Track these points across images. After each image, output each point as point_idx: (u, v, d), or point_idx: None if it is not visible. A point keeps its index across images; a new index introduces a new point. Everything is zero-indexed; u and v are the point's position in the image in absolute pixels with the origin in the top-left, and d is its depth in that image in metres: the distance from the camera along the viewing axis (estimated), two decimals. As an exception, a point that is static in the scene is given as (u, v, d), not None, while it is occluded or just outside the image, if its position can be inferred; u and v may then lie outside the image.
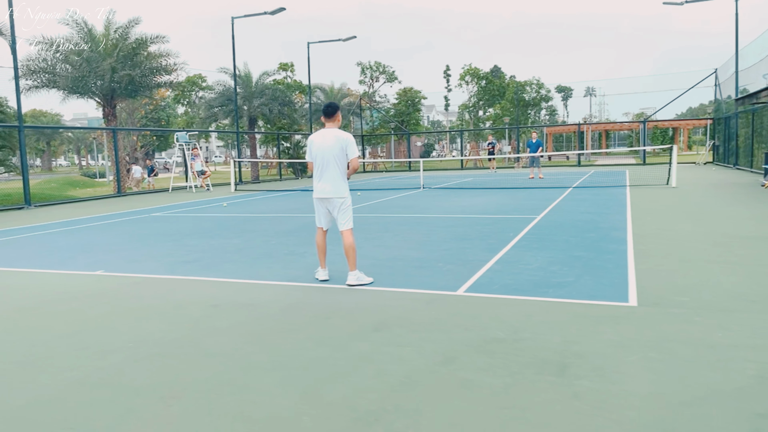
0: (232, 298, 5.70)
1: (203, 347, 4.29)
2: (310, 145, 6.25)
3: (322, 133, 6.19)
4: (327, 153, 6.04)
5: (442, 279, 6.18)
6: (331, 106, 6.19)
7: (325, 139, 6.09)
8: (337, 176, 6.08)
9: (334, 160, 6.05)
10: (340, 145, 6.03)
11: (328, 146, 6.05)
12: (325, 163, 6.07)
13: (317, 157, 6.13)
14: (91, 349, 4.33)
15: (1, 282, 6.87)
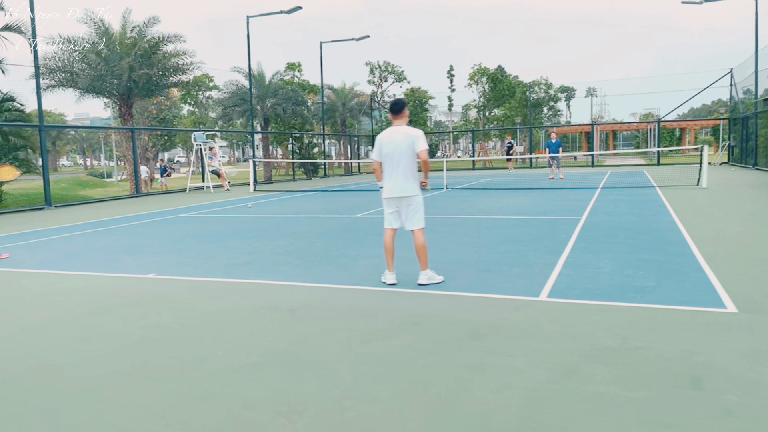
0: (304, 302, 5.49)
1: (299, 355, 4.08)
2: (378, 144, 6.07)
3: (391, 130, 6.02)
4: (398, 151, 5.88)
5: (516, 283, 5.97)
6: (399, 103, 6.04)
7: (395, 137, 5.93)
8: (409, 174, 5.92)
9: (406, 157, 5.88)
10: (410, 142, 5.86)
11: (398, 143, 5.88)
12: (396, 161, 5.91)
13: (387, 156, 5.96)
14: (182, 358, 4.12)
15: (56, 285, 6.66)
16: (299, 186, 25.46)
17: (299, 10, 25.57)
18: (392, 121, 6.10)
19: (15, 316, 5.36)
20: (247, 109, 31.19)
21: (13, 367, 4.06)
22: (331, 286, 6.13)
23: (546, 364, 3.77)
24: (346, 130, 41.23)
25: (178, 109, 58.21)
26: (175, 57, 23.06)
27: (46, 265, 7.87)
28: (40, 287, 6.58)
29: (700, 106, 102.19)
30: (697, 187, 16.62)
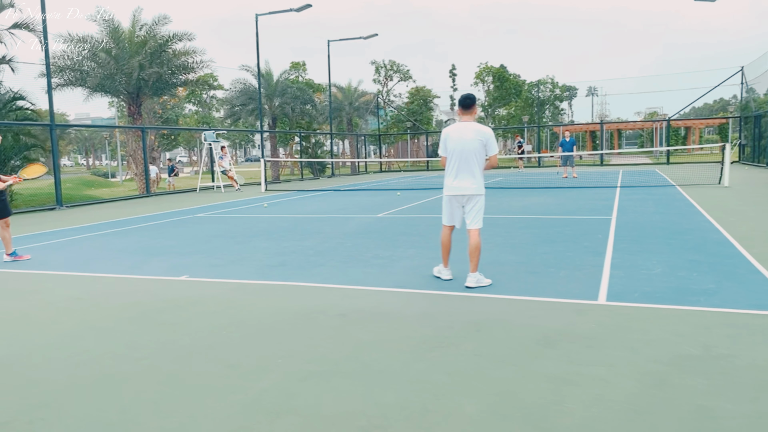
0: (353, 306, 5.27)
1: (365, 363, 3.86)
2: (445, 139, 5.89)
3: (460, 126, 5.82)
4: (466, 148, 5.72)
5: (569, 286, 5.75)
6: (469, 98, 5.88)
7: (464, 133, 5.75)
8: (477, 172, 5.77)
9: (474, 155, 5.73)
10: (479, 140, 5.72)
11: (468, 140, 5.72)
12: (463, 158, 5.74)
13: (454, 152, 5.79)
14: (241, 366, 3.90)
15: (88, 287, 6.44)
16: (309, 186, 25.24)
17: (309, 7, 25.34)
18: (460, 117, 5.90)
19: (54, 321, 5.14)
20: (255, 108, 30.96)
21: (77, 372, 3.84)
22: (376, 288, 5.91)
23: (633, 375, 3.55)
24: (352, 129, 40.98)
25: (181, 108, 58.03)
26: (184, 55, 22.83)
27: (72, 267, 7.65)
28: (72, 290, 6.36)
29: (702, 105, 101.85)
30: (719, 185, 16.40)
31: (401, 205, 14.32)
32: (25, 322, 5.19)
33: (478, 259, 5.74)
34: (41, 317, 5.33)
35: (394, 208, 13.67)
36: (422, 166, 43.22)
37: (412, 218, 11.63)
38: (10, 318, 5.33)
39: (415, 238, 9.02)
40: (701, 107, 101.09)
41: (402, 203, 14.70)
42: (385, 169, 41.38)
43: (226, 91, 32.81)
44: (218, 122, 42.58)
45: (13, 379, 3.82)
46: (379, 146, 43.96)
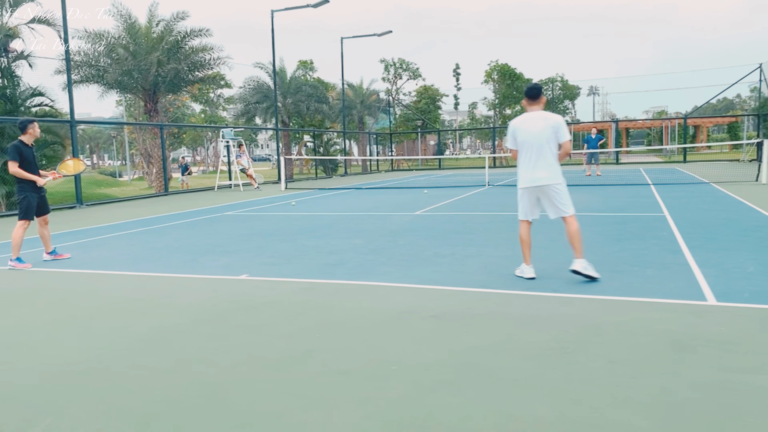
0: (442, 307, 4.91)
1: (490, 371, 3.49)
2: (513, 131, 5.71)
3: (528, 117, 5.66)
4: (538, 137, 5.54)
5: (666, 286, 5.38)
6: (536, 88, 5.76)
7: (534, 123, 5.59)
8: (552, 161, 5.57)
9: (547, 144, 5.55)
10: (551, 128, 5.55)
11: (539, 130, 5.55)
12: (536, 148, 5.56)
13: (525, 143, 5.61)
14: (354, 373, 3.54)
15: (147, 287, 6.08)
16: (326, 184, 24.88)
17: (326, 3, 24.97)
18: (527, 107, 5.74)
19: (126, 324, 4.78)
20: (269, 106, 30.61)
21: (172, 381, 3.48)
22: (457, 288, 5.55)
23: (803, 383, 3.19)
24: (363, 127, 40.62)
25: (187, 107, 57.66)
26: (201, 51, 22.48)
27: (120, 266, 7.29)
28: (131, 290, 6.00)
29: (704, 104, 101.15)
30: (757, 183, 16.04)
31: (435, 202, 13.95)
32: (96, 323, 4.83)
33: (580, 243, 5.49)
34: (111, 319, 4.97)
35: (429, 205, 13.31)
36: (434, 164, 42.88)
37: (453, 216, 11.27)
38: (78, 319, 4.98)
39: (468, 236, 8.66)
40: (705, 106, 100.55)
41: (434, 201, 14.34)
42: (396, 168, 41.01)
43: (240, 89, 32.31)
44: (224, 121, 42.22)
45: (104, 385, 3.46)
46: (390, 145, 43.60)
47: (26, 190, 7.54)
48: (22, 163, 7.44)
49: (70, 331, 4.67)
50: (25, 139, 7.60)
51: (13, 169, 7.40)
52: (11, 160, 7.39)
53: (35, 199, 7.63)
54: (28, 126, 7.64)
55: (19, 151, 7.45)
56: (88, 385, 3.51)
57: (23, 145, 7.54)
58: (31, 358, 4.05)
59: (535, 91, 5.65)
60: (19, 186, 7.57)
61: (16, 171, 7.41)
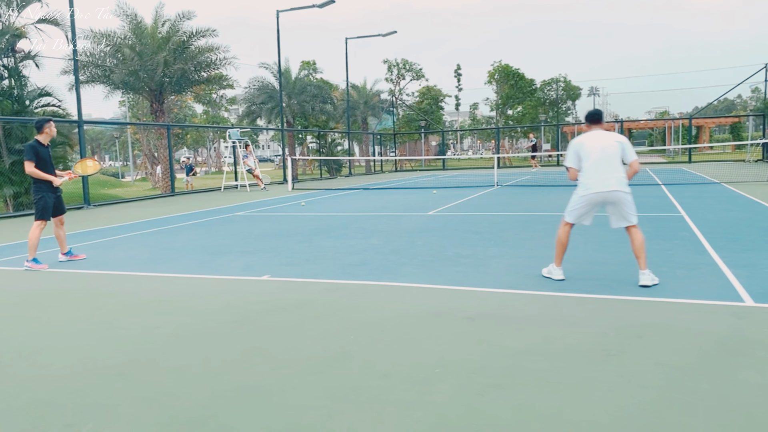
0: (474, 308, 4.83)
1: (537, 374, 3.41)
2: (577, 148, 5.60)
3: (594, 134, 5.61)
4: (607, 150, 5.46)
5: (698, 286, 5.31)
6: (598, 113, 5.80)
7: (602, 140, 5.53)
8: (622, 171, 5.49)
9: (615, 157, 5.47)
10: (620, 146, 5.53)
11: (608, 144, 5.49)
12: (605, 159, 5.45)
13: (591, 156, 5.47)
14: (396, 378, 3.45)
15: (168, 288, 6.00)
16: (332, 184, 24.80)
17: (332, 3, 24.90)
18: (587, 130, 5.71)
19: (154, 325, 4.69)
20: (274, 107, 30.53)
21: (216, 386, 3.40)
22: (487, 290, 5.46)
23: None
24: (367, 128, 40.55)
25: (189, 108, 57.59)
26: (208, 51, 22.40)
27: (138, 267, 7.21)
28: (152, 291, 5.92)
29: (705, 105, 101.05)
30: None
31: (446, 203, 13.87)
32: (125, 325, 4.75)
33: (645, 255, 5.41)
34: (138, 320, 4.88)
35: (441, 206, 13.23)
36: (436, 165, 42.82)
37: (467, 216, 11.18)
38: (105, 320, 4.89)
39: (486, 237, 8.57)
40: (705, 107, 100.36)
41: (444, 201, 14.26)
42: (399, 168, 40.93)
43: (245, 89, 32.19)
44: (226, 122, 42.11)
45: (144, 388, 3.38)
46: (394, 145, 43.53)
47: (43, 191, 7.46)
48: (38, 163, 7.36)
49: (99, 332, 4.59)
50: (41, 139, 7.51)
51: (29, 169, 7.31)
52: (27, 160, 7.31)
53: (51, 199, 7.54)
54: (44, 125, 7.55)
55: (35, 151, 7.37)
56: (126, 388, 3.43)
57: (39, 145, 7.46)
58: (67, 360, 3.97)
59: (597, 116, 5.70)
60: (35, 186, 7.48)
61: (33, 171, 7.32)
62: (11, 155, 16.40)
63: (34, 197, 7.49)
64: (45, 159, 7.46)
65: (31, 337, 4.55)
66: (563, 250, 5.71)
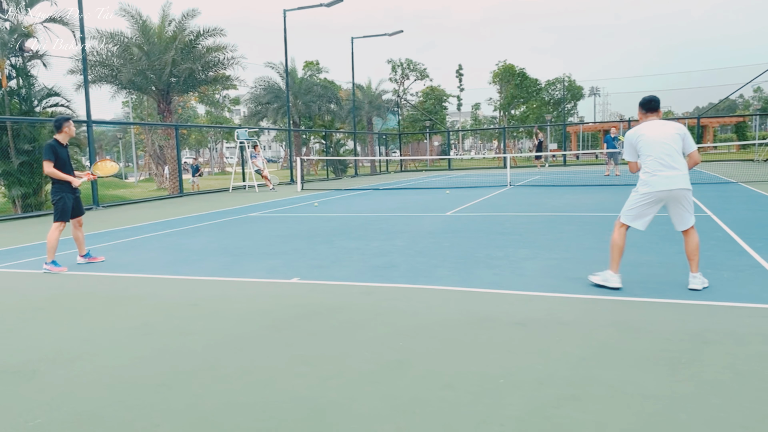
0: (521, 312, 4.63)
1: (610, 384, 3.21)
2: (637, 140, 5.25)
3: (653, 125, 5.25)
4: (670, 143, 5.12)
5: (749, 289, 5.12)
6: (655, 100, 5.37)
7: (661, 129, 5.19)
8: (683, 166, 5.16)
9: (677, 149, 5.14)
10: (679, 135, 5.18)
11: (669, 135, 5.14)
12: (668, 152, 5.10)
13: (653, 149, 5.13)
14: (460, 389, 3.26)
15: (197, 292, 5.80)
16: (341, 185, 24.60)
17: (340, 2, 24.71)
18: (644, 118, 5.37)
19: (191, 331, 4.49)
20: (280, 107, 30.33)
21: (273, 397, 3.20)
22: (530, 293, 5.26)
23: None
24: (372, 128, 40.37)
25: (192, 109, 57.40)
26: (215, 51, 22.21)
27: (160, 269, 7.02)
28: (180, 294, 5.73)
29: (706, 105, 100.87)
30: (787, 182, 15.76)
31: (462, 203, 13.67)
32: (157, 331, 4.55)
33: (698, 257, 5.22)
34: (171, 326, 4.69)
35: (458, 206, 13.03)
36: (440, 165, 42.67)
37: (487, 217, 10.99)
38: (136, 327, 4.69)
39: (513, 238, 8.38)
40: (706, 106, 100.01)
41: (460, 201, 14.06)
42: (404, 168, 40.74)
43: (250, 89, 32.01)
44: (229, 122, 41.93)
45: (190, 399, 3.18)
46: (399, 145, 43.37)
47: (62, 191, 7.27)
48: (57, 163, 7.17)
49: (135, 338, 4.39)
50: (60, 138, 7.31)
51: (48, 170, 7.12)
52: (46, 160, 7.11)
53: (71, 200, 7.35)
54: (63, 124, 7.34)
55: (54, 151, 7.17)
56: (172, 399, 3.23)
57: (58, 145, 7.26)
58: (106, 368, 3.77)
59: (654, 103, 5.34)
60: (54, 187, 7.29)
61: (52, 171, 7.13)
62: (19, 156, 16.21)
63: (53, 198, 7.30)
64: (64, 159, 7.27)
65: (65, 342, 4.35)
66: (620, 254, 5.34)
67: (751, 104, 79.71)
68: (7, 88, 16.36)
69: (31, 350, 4.22)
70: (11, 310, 5.44)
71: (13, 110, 16.33)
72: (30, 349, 4.25)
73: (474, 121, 76.96)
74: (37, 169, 16.64)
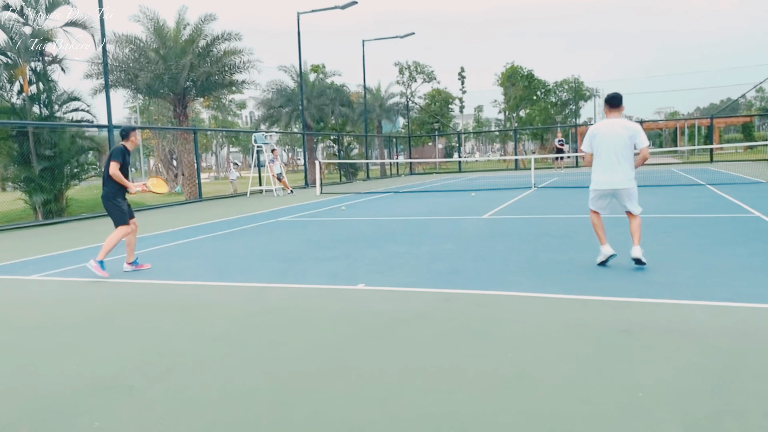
0: (623, 319, 4.43)
1: (764, 399, 3.03)
2: (592, 136, 6.15)
3: (608, 123, 6.09)
4: (616, 143, 5.98)
5: None
6: (617, 97, 6.10)
7: (613, 129, 6.01)
8: (627, 166, 6.02)
9: (624, 149, 5.97)
10: (629, 135, 5.97)
11: (618, 136, 5.97)
12: (613, 153, 6.00)
13: (602, 147, 6.05)
14: (596, 403, 3.07)
15: (261, 299, 5.62)
16: (358, 188, 24.41)
17: (355, 4, 24.58)
18: (607, 114, 6.17)
19: (282, 342, 4.29)
20: (293, 110, 30.20)
21: (387, 410, 3.01)
22: (616, 299, 5.05)
23: None
24: (381, 131, 40.22)
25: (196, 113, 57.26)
26: (232, 54, 22.06)
27: (213, 276, 6.83)
28: (249, 302, 5.55)
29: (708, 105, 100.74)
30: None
31: (494, 205, 13.49)
32: (245, 343, 4.36)
33: (639, 234, 6.07)
34: (257, 337, 4.49)
35: (492, 208, 12.85)
36: (448, 168, 42.51)
37: (527, 219, 10.81)
38: (217, 336, 4.50)
39: (569, 240, 8.18)
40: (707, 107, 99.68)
41: (491, 203, 13.87)
42: (413, 171, 40.56)
43: (262, 92, 31.84)
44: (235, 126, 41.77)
45: (301, 416, 2.99)
46: (408, 148, 43.21)
47: (117, 196, 7.28)
48: (121, 168, 7.15)
49: (226, 350, 4.19)
50: (127, 146, 7.39)
51: (114, 171, 7.13)
52: (114, 161, 7.14)
53: (126, 204, 7.33)
54: (130, 133, 7.49)
55: (123, 154, 7.24)
56: (290, 417, 3.04)
57: (126, 151, 7.31)
58: (206, 384, 3.58)
59: (616, 100, 6.06)
60: (110, 191, 7.26)
61: (116, 173, 7.15)
62: (40, 161, 16.03)
63: (108, 204, 7.27)
64: (126, 166, 7.30)
65: (149, 354, 4.16)
66: (601, 230, 6.26)
67: (753, 104, 79.59)
68: (28, 93, 16.20)
69: (116, 363, 4.03)
70: (77, 322, 5.25)
71: (34, 116, 16.16)
72: (114, 362, 4.06)
73: (477, 123, 76.83)
74: (58, 174, 16.48)
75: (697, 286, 5.31)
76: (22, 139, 15.81)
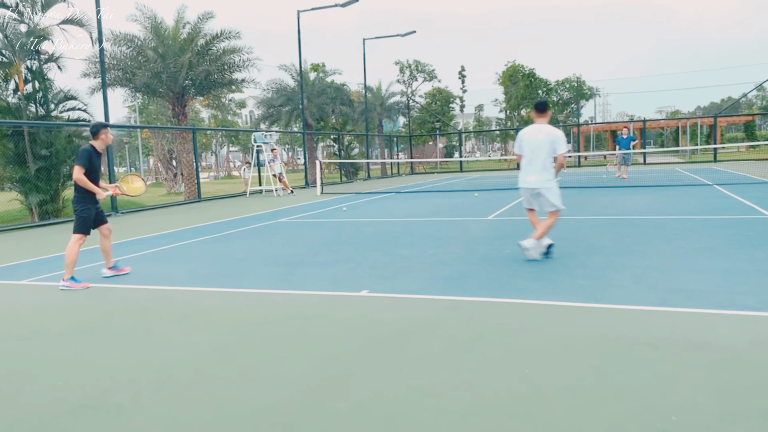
0: (644, 331, 4.16)
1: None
2: (520, 139, 6.78)
3: (534, 128, 6.70)
4: (537, 147, 6.59)
5: None
6: (544, 103, 6.86)
7: (537, 134, 6.62)
8: (544, 168, 6.60)
9: (544, 153, 6.56)
10: (549, 140, 6.54)
11: (540, 141, 6.57)
12: (534, 156, 6.62)
13: (526, 150, 6.69)
14: (627, 426, 2.80)
15: (262, 305, 5.35)
16: (359, 188, 24.15)
17: (356, 2, 24.31)
18: (534, 119, 6.77)
19: (283, 356, 4.02)
20: (293, 109, 29.93)
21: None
22: (637, 308, 4.77)
23: None
24: (382, 130, 39.95)
25: (195, 112, 56.97)
26: (231, 53, 21.78)
27: (209, 281, 6.55)
28: (249, 310, 5.27)
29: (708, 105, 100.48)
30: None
31: (499, 206, 13.23)
32: (245, 356, 4.09)
33: (544, 231, 6.66)
34: (258, 351, 4.22)
35: (497, 209, 12.59)
36: (449, 167, 42.23)
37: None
38: (219, 349, 4.23)
39: (581, 243, 7.92)
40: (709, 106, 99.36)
41: (495, 205, 13.61)
42: (414, 171, 40.29)
43: (263, 91, 31.55)
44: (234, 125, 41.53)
45: None
46: (409, 147, 42.94)
47: (86, 201, 6.67)
48: (88, 171, 6.57)
49: (216, 365, 3.92)
50: (97, 146, 6.75)
51: (78, 175, 6.50)
52: (79, 164, 6.49)
53: (93, 211, 6.76)
54: (100, 130, 6.78)
55: (89, 157, 6.60)
56: (297, 445, 2.78)
57: (94, 152, 6.72)
58: (204, 404, 3.32)
59: (543, 105, 6.79)
60: (78, 196, 6.68)
61: (81, 178, 6.51)
62: (36, 161, 15.76)
63: (76, 207, 6.69)
64: (95, 169, 6.68)
65: (138, 368, 3.88)
66: (533, 224, 6.96)
67: (754, 103, 79.32)
68: (24, 92, 15.92)
69: (103, 379, 3.76)
70: (67, 331, 4.98)
71: (30, 115, 15.89)
72: (101, 377, 3.79)
73: (477, 122, 76.54)
74: (55, 174, 16.20)
75: (719, 293, 5.04)
76: (18, 138, 15.52)
